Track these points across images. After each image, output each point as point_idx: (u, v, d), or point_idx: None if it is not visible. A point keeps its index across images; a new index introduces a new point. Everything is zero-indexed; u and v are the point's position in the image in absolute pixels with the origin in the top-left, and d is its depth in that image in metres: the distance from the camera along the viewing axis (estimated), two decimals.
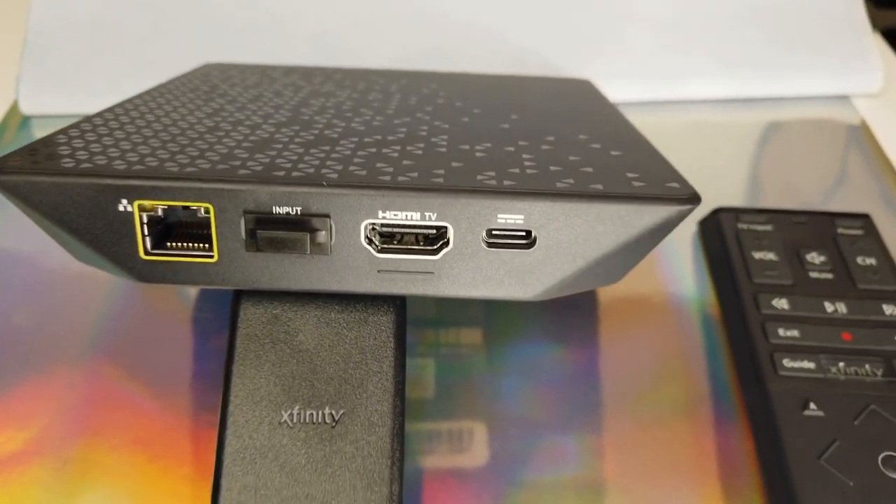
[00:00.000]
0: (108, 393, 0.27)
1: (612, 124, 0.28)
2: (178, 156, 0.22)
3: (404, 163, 0.22)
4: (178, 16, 0.43)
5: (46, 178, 0.20)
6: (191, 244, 0.21)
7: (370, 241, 0.21)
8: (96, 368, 0.27)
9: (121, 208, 0.20)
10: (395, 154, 0.23)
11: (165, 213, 0.21)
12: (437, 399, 0.27)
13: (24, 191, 0.20)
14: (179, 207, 0.20)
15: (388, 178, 0.21)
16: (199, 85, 0.31)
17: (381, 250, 0.21)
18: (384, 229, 0.21)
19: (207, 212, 0.20)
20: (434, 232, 0.21)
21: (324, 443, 0.21)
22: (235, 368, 0.22)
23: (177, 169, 0.21)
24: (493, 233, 0.21)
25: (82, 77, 0.41)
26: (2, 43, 0.45)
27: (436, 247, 0.21)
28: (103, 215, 0.21)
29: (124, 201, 0.20)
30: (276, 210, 0.20)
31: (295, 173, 0.21)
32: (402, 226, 0.21)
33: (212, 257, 0.21)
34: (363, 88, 0.32)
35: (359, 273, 0.22)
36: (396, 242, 0.21)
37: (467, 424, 0.26)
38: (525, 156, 0.23)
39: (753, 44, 0.43)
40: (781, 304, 0.28)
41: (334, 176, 0.21)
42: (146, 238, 0.21)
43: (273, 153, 0.22)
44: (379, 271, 0.22)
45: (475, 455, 0.25)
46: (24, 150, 0.21)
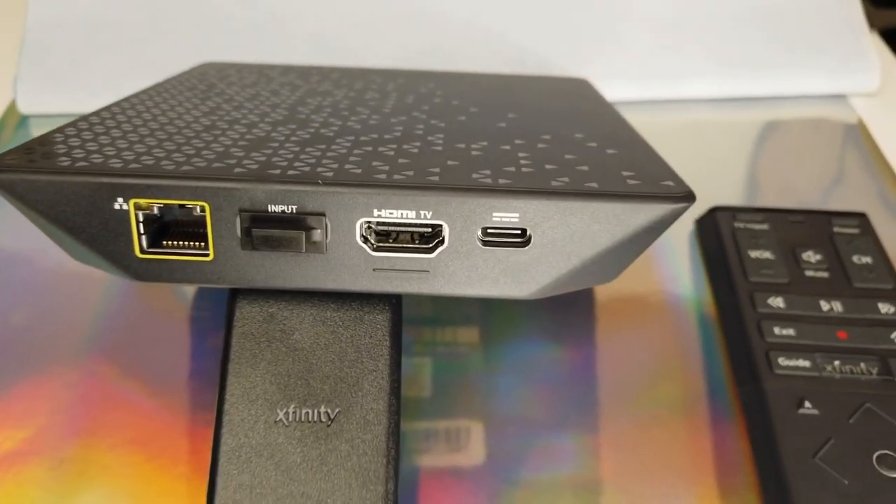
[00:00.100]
0: (105, 392, 0.27)
1: (609, 123, 0.28)
2: (174, 154, 0.22)
3: (400, 161, 0.22)
4: (176, 15, 0.43)
5: (42, 176, 0.20)
6: (186, 242, 0.21)
7: (365, 240, 0.21)
8: (93, 367, 0.27)
9: (117, 207, 0.20)
10: (391, 153, 0.23)
11: (161, 212, 0.21)
12: (433, 398, 0.27)
13: (20, 189, 0.20)
14: (175, 206, 0.20)
15: (383, 176, 0.21)
16: (196, 84, 0.31)
17: (377, 249, 0.21)
18: (380, 228, 0.21)
19: (203, 210, 0.20)
20: (429, 230, 0.21)
21: (319, 441, 0.21)
22: (231, 367, 0.22)
23: (173, 167, 0.21)
24: (488, 231, 0.21)
25: (80, 76, 0.41)
26: None
27: (431, 245, 0.21)
28: (99, 214, 0.21)
29: (120, 200, 0.20)
30: (272, 208, 0.20)
31: (290, 172, 0.21)
32: (397, 224, 0.21)
33: (207, 256, 0.21)
34: (360, 87, 0.32)
35: (354, 271, 0.22)
36: (392, 241, 0.21)
37: (464, 423, 0.26)
38: (521, 154, 0.23)
39: (751, 43, 0.43)
40: (777, 302, 0.28)
41: (330, 174, 0.21)
42: (142, 236, 0.21)
43: (269, 152, 0.22)
44: (374, 270, 0.22)
45: (472, 454, 0.25)
46: (20, 149, 0.21)
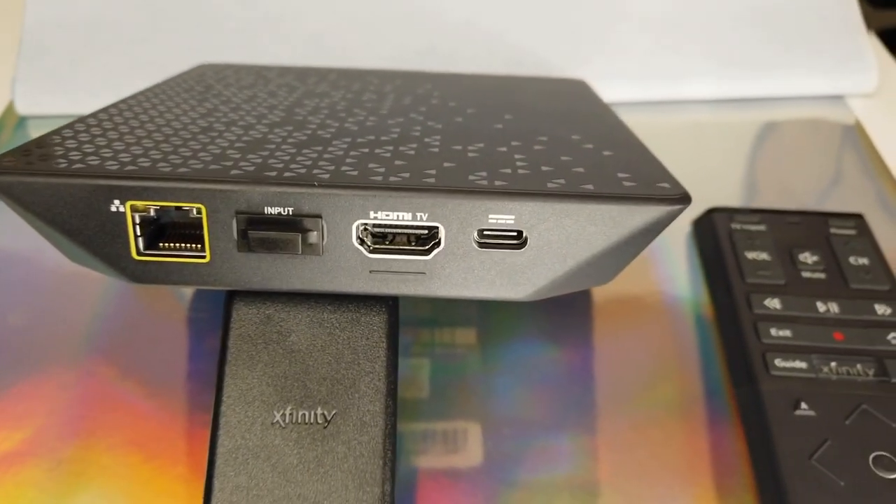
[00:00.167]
0: (104, 393, 0.27)
1: (606, 124, 0.28)
2: (171, 156, 0.22)
3: (396, 163, 0.22)
4: (174, 16, 0.43)
5: (39, 178, 0.20)
6: (183, 245, 0.21)
7: (362, 242, 0.21)
8: (91, 368, 0.28)
9: (113, 209, 0.20)
10: (388, 154, 0.23)
11: (158, 214, 0.21)
12: (431, 399, 0.27)
13: (16, 191, 0.20)
14: (172, 208, 0.21)
15: (379, 178, 0.21)
16: (194, 85, 0.31)
17: (373, 251, 0.21)
18: (376, 230, 0.21)
19: (199, 212, 0.20)
20: (426, 232, 0.21)
21: (316, 443, 0.21)
22: (228, 369, 0.22)
23: (169, 169, 0.21)
24: (484, 233, 0.21)
25: (79, 77, 0.41)
26: None
27: (427, 247, 0.21)
28: (96, 216, 0.21)
29: (116, 202, 0.20)
30: (268, 210, 0.20)
31: (287, 174, 0.21)
32: (393, 226, 0.21)
33: (204, 258, 0.21)
34: (358, 89, 0.32)
35: (351, 273, 0.22)
36: (388, 243, 0.21)
37: (461, 424, 0.26)
38: (517, 156, 0.23)
39: (749, 44, 0.43)
40: (774, 303, 0.28)
41: (326, 176, 0.21)
42: (138, 238, 0.21)
43: (265, 153, 0.22)
44: (371, 272, 0.22)
45: (469, 455, 0.25)
46: (17, 151, 0.21)
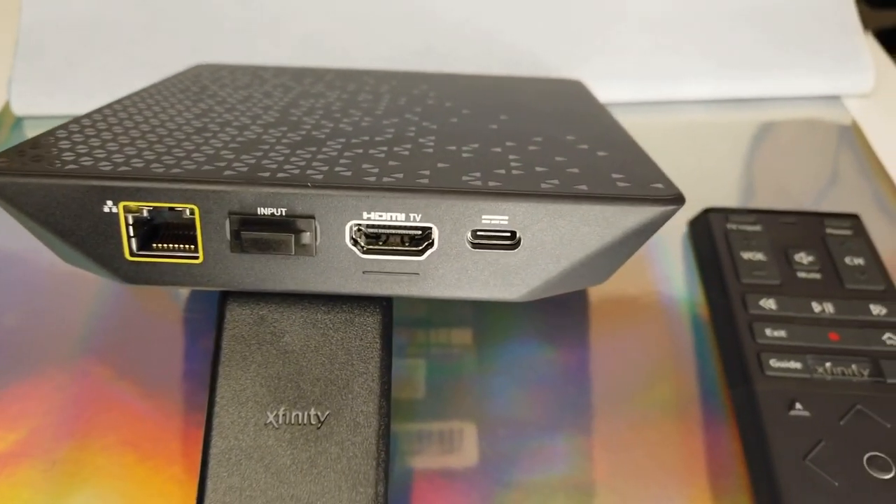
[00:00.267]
0: (98, 393, 0.27)
1: (601, 125, 0.28)
2: (165, 157, 0.22)
3: (390, 163, 0.22)
4: (172, 16, 0.43)
5: (32, 179, 0.20)
6: (176, 245, 0.21)
7: (355, 242, 0.21)
8: (86, 369, 0.28)
9: (106, 209, 0.20)
10: (382, 155, 0.23)
11: (151, 215, 0.21)
12: (427, 399, 0.27)
13: (9, 192, 0.20)
14: (165, 209, 0.20)
15: (373, 178, 0.21)
16: (189, 86, 0.31)
17: (367, 251, 0.21)
18: (369, 230, 0.21)
19: (192, 213, 0.20)
20: (419, 233, 0.21)
21: (309, 444, 0.21)
22: (221, 369, 0.22)
23: (162, 170, 0.21)
24: (477, 234, 0.21)
25: (75, 78, 0.41)
26: None
27: (421, 248, 0.21)
28: (89, 217, 0.21)
29: (109, 202, 0.20)
30: (261, 211, 0.20)
31: (280, 174, 0.21)
32: (386, 227, 0.21)
33: (197, 258, 0.21)
34: (353, 89, 0.32)
35: (344, 274, 0.22)
36: (381, 243, 0.21)
37: (457, 425, 0.26)
38: (511, 156, 0.23)
39: (746, 44, 0.43)
40: (769, 304, 0.28)
41: (319, 177, 0.21)
42: (131, 239, 0.21)
43: (259, 154, 0.22)
44: (364, 272, 0.22)
45: (465, 455, 0.25)
46: (10, 152, 0.21)
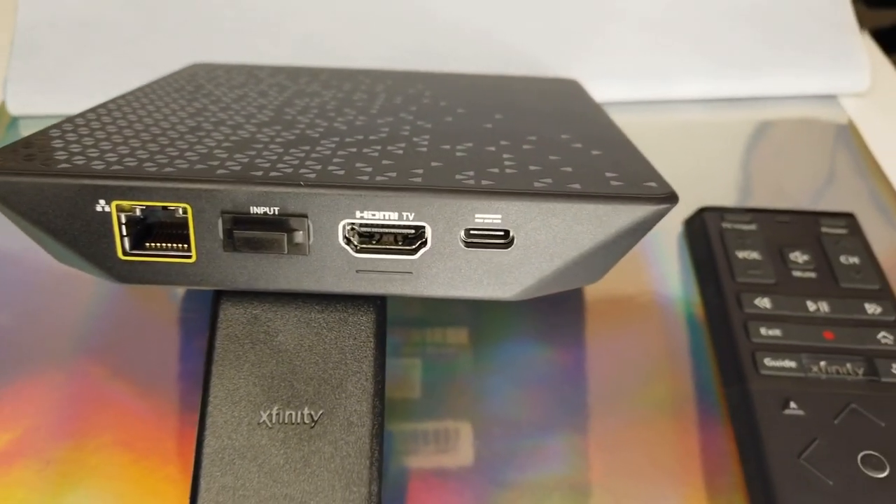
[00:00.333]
0: (93, 393, 0.27)
1: (596, 124, 0.28)
2: (158, 156, 0.22)
3: (384, 162, 0.22)
4: (168, 16, 0.43)
5: (24, 178, 0.20)
6: (169, 244, 0.21)
7: (348, 241, 0.21)
8: (81, 368, 0.27)
9: (99, 209, 0.20)
10: (376, 154, 0.23)
11: (144, 214, 0.21)
12: (422, 399, 0.27)
13: (1, 191, 0.20)
14: (158, 208, 0.20)
15: (366, 177, 0.21)
16: (184, 85, 0.31)
17: (360, 250, 0.21)
18: (362, 229, 0.21)
19: (185, 212, 0.20)
20: (412, 232, 0.21)
21: (302, 443, 0.21)
22: (215, 369, 0.22)
23: (155, 169, 0.21)
24: (471, 232, 0.21)
25: (71, 78, 0.41)
26: None
27: (414, 247, 0.21)
28: (81, 216, 0.20)
29: (102, 202, 0.20)
30: (254, 210, 0.20)
31: (273, 173, 0.21)
32: (380, 226, 0.21)
33: (190, 257, 0.21)
34: (349, 88, 0.32)
35: (337, 273, 0.21)
36: (375, 242, 0.21)
37: (452, 424, 0.26)
38: (505, 155, 0.23)
39: (742, 44, 0.43)
40: (764, 303, 0.28)
41: (312, 176, 0.21)
42: (124, 238, 0.21)
43: (253, 153, 0.22)
44: (357, 271, 0.21)
45: (460, 455, 0.25)
46: (3, 151, 0.21)
